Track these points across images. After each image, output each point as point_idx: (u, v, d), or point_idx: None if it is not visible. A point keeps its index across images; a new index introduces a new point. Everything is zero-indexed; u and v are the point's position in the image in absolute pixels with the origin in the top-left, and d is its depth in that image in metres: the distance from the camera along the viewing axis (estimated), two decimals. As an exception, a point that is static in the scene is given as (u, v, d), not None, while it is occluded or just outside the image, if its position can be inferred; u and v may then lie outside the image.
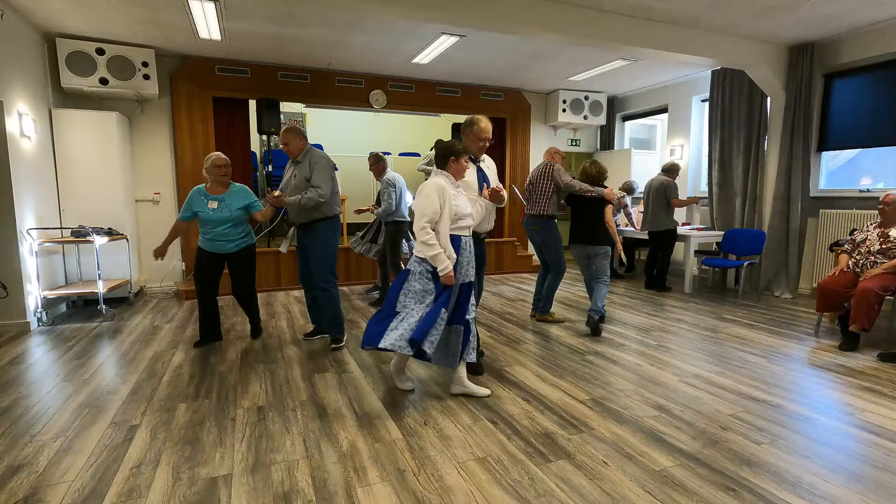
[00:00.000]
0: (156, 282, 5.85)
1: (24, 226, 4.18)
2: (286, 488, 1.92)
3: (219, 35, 4.87)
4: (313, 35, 4.99)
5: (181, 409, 2.62)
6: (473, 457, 2.15)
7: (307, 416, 2.54)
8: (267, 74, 5.98)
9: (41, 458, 2.14)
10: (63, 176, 4.88)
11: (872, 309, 3.47)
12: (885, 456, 2.17)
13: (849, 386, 2.97)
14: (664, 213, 5.64)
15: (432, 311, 2.58)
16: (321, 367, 3.28)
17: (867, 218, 4.69)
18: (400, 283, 2.67)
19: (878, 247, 3.68)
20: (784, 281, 5.45)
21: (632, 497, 1.86)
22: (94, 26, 4.65)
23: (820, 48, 5.10)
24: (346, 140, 8.72)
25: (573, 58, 5.76)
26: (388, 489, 1.91)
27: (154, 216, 5.80)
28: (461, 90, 6.97)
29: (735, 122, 5.85)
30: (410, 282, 2.65)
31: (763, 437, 2.33)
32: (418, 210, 2.62)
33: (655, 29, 4.61)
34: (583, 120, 7.43)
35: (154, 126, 5.70)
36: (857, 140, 5.05)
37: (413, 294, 2.63)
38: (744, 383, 2.99)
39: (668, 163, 5.93)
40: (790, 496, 1.87)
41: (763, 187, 5.64)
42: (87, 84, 4.94)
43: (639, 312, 4.76)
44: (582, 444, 2.25)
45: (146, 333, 4.07)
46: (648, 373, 3.16)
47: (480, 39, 5.07)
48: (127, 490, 1.90)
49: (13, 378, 3.07)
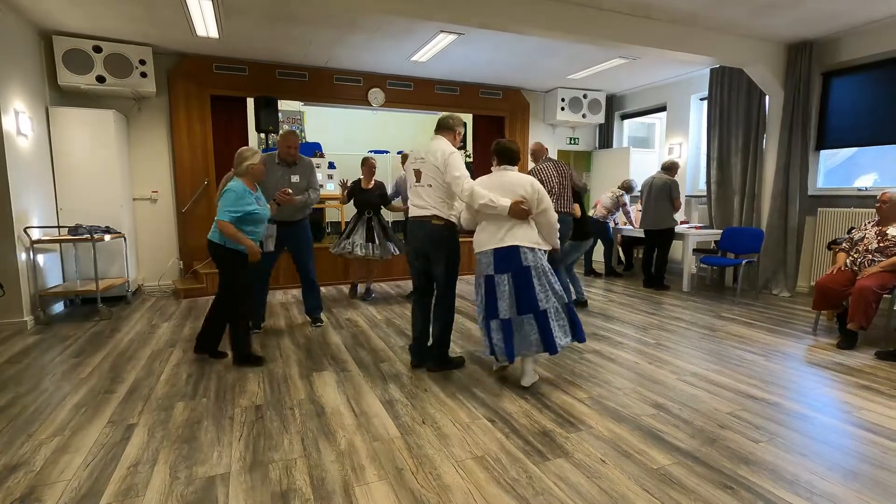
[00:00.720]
0: (153, 280, 5.84)
1: (22, 224, 4.17)
2: (284, 487, 1.91)
3: (216, 33, 4.86)
4: (312, 33, 4.98)
5: (179, 408, 2.61)
6: (471, 455, 2.15)
7: (305, 414, 2.54)
8: (265, 72, 5.96)
9: (38, 456, 2.13)
10: (60, 174, 4.87)
11: (870, 307, 3.48)
12: (882, 454, 2.17)
13: (846, 384, 2.97)
14: (667, 211, 5.64)
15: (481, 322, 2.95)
16: (319, 365, 3.27)
17: (865, 216, 4.69)
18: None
19: (876, 245, 3.69)
20: (782, 279, 5.45)
21: (630, 495, 1.86)
22: (90, 24, 4.63)
23: (819, 46, 5.10)
24: (344, 139, 8.72)
25: (572, 56, 5.75)
26: (386, 488, 1.91)
27: (152, 215, 5.78)
28: (459, 88, 6.96)
29: (733, 120, 5.85)
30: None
31: (761, 435, 2.34)
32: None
33: (654, 27, 4.60)
34: (581, 118, 7.43)
35: (152, 124, 5.68)
36: (855, 138, 5.06)
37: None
38: (742, 381, 2.99)
39: (667, 161, 5.92)
40: (788, 494, 1.87)
41: (761, 186, 5.64)
42: (84, 82, 4.92)
43: (637, 311, 4.76)
44: (580, 443, 2.25)
45: (144, 332, 4.06)
46: (646, 371, 3.16)
47: (479, 38, 5.06)
48: (124, 489, 1.90)
49: (10, 377, 3.06)
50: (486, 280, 2.83)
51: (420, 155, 3.04)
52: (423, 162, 3.01)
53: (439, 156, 2.93)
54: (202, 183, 5.81)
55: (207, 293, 5.45)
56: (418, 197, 3.04)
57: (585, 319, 4.43)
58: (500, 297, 2.76)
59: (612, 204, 6.47)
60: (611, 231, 6.65)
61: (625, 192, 6.43)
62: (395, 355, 3.47)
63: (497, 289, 2.78)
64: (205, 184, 5.83)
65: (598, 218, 6.53)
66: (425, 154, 3.01)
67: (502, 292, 2.76)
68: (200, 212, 5.84)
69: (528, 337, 2.75)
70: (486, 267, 2.83)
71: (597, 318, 4.47)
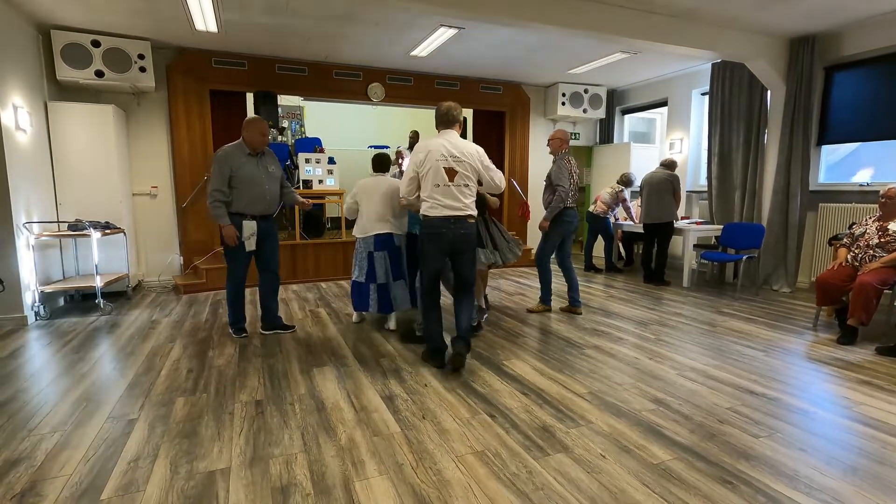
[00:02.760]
0: (154, 276, 5.84)
1: (21, 220, 4.16)
2: (284, 482, 1.92)
3: (215, 27, 4.83)
4: (311, 27, 4.95)
5: (179, 403, 2.61)
6: (471, 450, 2.15)
7: (305, 409, 2.54)
8: (264, 67, 5.94)
9: (39, 452, 2.13)
10: (59, 169, 4.85)
11: (871, 303, 3.48)
12: (881, 449, 2.17)
13: (846, 379, 2.97)
14: (669, 205, 5.63)
15: None
16: (319, 361, 3.28)
17: (866, 212, 4.68)
18: None
19: (877, 241, 3.68)
20: (783, 275, 5.45)
21: (629, 490, 1.87)
22: (89, 18, 4.61)
23: (821, 41, 5.07)
24: (345, 134, 8.70)
25: (573, 51, 5.72)
26: (386, 483, 1.91)
27: (151, 210, 5.77)
28: (460, 83, 6.93)
29: (735, 115, 5.83)
30: None
31: (761, 430, 2.34)
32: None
33: (656, 21, 4.57)
34: (582, 113, 7.40)
35: (151, 119, 5.66)
36: (857, 134, 5.04)
37: None
38: (742, 377, 2.99)
39: (667, 158, 5.92)
40: (787, 489, 1.87)
41: (762, 181, 5.63)
42: (82, 77, 4.90)
43: (637, 306, 4.76)
44: (580, 438, 2.26)
45: (144, 327, 4.06)
46: (646, 366, 3.17)
47: (479, 32, 5.03)
48: (125, 484, 1.90)
49: (11, 372, 3.06)
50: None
51: (453, 153, 2.98)
52: (458, 161, 2.98)
53: (475, 155, 3.04)
54: (202, 178, 5.80)
55: (207, 288, 5.46)
56: (452, 197, 2.98)
57: (586, 315, 4.43)
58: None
59: (612, 199, 6.47)
60: (611, 226, 6.65)
61: (624, 188, 6.42)
62: (394, 351, 3.47)
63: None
64: (204, 179, 5.82)
65: (598, 214, 6.53)
66: (459, 153, 2.99)
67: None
68: (200, 207, 5.83)
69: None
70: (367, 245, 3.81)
71: (597, 314, 4.47)
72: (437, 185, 2.98)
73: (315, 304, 4.90)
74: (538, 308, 4.53)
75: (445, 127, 3.08)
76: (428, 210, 3.02)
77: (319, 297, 5.22)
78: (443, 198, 2.98)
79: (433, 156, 2.98)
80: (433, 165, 2.97)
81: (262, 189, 3.54)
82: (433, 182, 2.98)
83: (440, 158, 2.97)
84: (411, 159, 3.09)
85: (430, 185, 2.99)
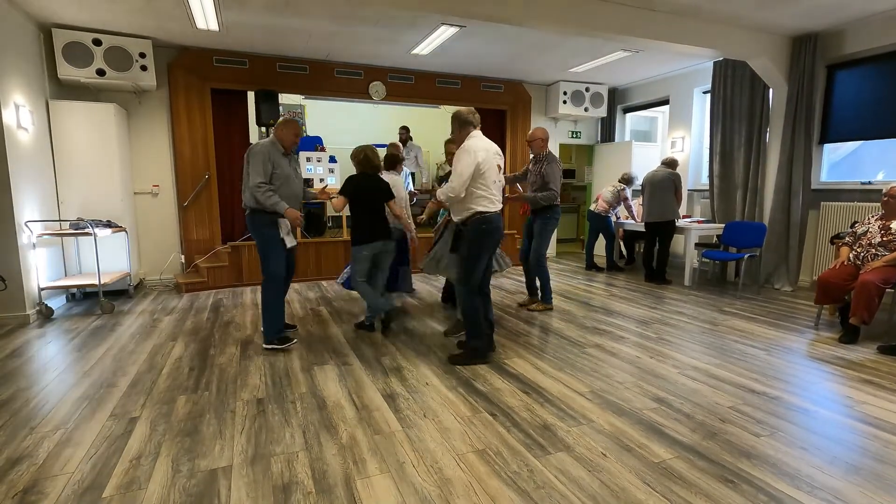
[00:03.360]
0: (155, 274, 5.85)
1: (23, 218, 4.17)
2: (286, 480, 1.92)
3: (216, 26, 4.83)
4: (312, 26, 4.95)
5: (181, 402, 2.62)
6: (473, 449, 2.15)
7: (307, 408, 2.55)
8: (265, 66, 5.93)
9: (41, 450, 2.14)
10: (61, 168, 4.86)
11: (873, 302, 3.47)
12: (883, 448, 2.17)
13: (848, 378, 2.97)
14: (671, 203, 5.62)
15: None
16: (321, 359, 3.28)
17: (868, 210, 4.67)
18: None
19: (879, 239, 3.67)
20: (784, 274, 5.44)
21: (631, 489, 1.87)
22: (90, 16, 4.61)
23: (823, 39, 5.06)
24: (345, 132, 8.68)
25: (574, 49, 5.71)
26: (387, 481, 1.91)
27: (153, 209, 5.78)
28: (461, 82, 6.92)
29: (737, 114, 5.81)
30: None
31: (762, 429, 2.33)
32: None
33: (657, 19, 4.56)
34: (583, 112, 7.39)
35: (152, 118, 5.66)
36: (859, 132, 5.02)
37: None
38: (743, 376, 2.99)
39: (668, 157, 5.91)
40: (789, 488, 1.87)
41: (764, 180, 5.62)
42: (84, 75, 4.90)
43: (639, 305, 4.76)
44: (581, 437, 2.25)
45: (146, 326, 4.07)
46: (648, 365, 3.16)
47: (480, 30, 5.02)
48: (127, 482, 1.91)
49: (13, 370, 3.07)
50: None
51: (496, 150, 3.16)
52: (500, 158, 3.20)
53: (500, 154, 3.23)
54: (203, 177, 5.80)
55: (209, 287, 5.47)
56: (500, 193, 3.21)
57: (588, 313, 4.43)
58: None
59: (614, 198, 6.46)
60: (612, 225, 6.64)
61: (625, 186, 6.41)
62: (396, 349, 3.47)
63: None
64: (206, 178, 5.82)
65: (599, 212, 6.52)
66: (496, 152, 3.18)
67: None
68: (201, 206, 5.84)
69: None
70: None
71: (598, 313, 4.47)
72: (495, 181, 3.15)
73: (316, 302, 4.90)
74: (540, 307, 4.53)
75: (475, 128, 3.20)
76: (488, 206, 3.11)
77: (321, 295, 5.23)
78: (498, 193, 3.18)
79: (490, 153, 3.11)
80: (491, 163, 3.11)
81: (296, 188, 3.45)
82: (492, 179, 3.12)
83: (494, 156, 3.14)
84: (472, 158, 3.00)
85: (490, 182, 3.11)
